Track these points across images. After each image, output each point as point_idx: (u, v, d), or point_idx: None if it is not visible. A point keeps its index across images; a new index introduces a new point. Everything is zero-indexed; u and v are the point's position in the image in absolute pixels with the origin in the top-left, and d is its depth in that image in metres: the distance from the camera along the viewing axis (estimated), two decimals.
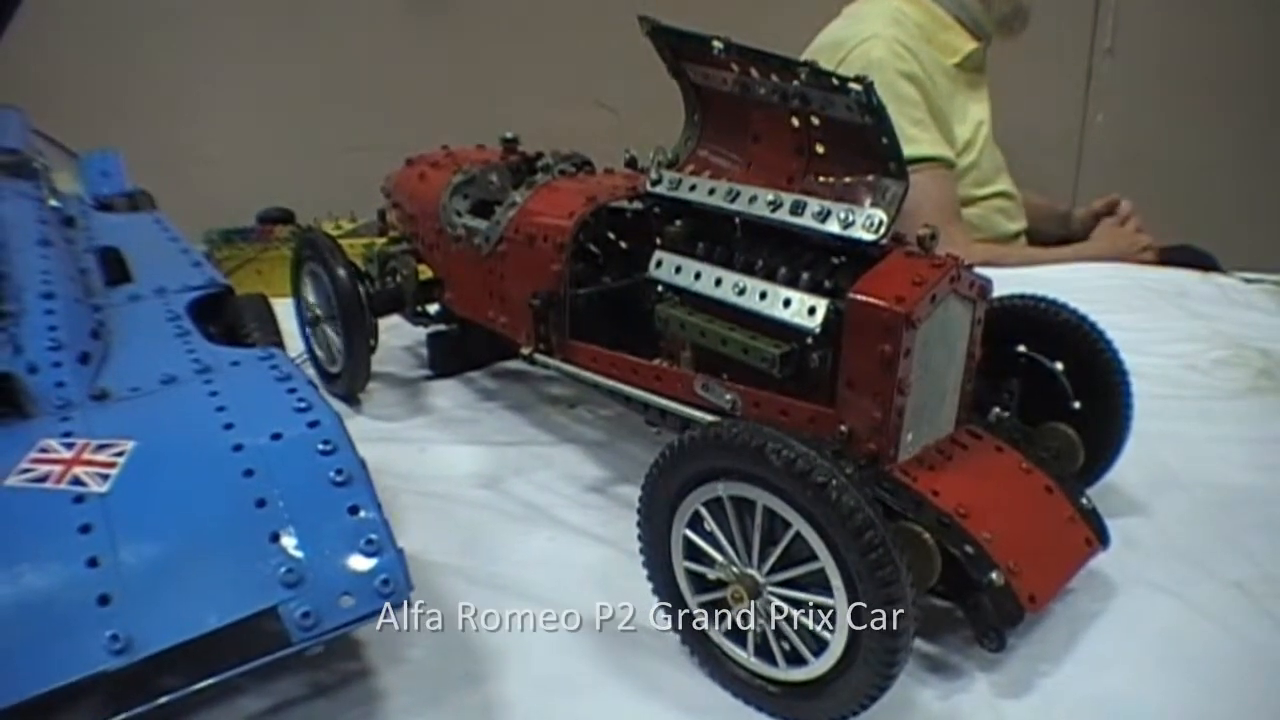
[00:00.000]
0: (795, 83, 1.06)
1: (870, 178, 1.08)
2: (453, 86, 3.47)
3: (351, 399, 1.70)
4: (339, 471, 0.94)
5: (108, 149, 2.24)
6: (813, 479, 0.84)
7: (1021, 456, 1.10)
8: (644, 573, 1.05)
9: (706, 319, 1.18)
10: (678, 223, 1.26)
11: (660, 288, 1.25)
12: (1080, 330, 1.21)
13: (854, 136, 1.06)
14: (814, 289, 1.10)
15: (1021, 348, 1.23)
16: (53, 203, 1.68)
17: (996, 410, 1.18)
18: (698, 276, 1.19)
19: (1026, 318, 1.23)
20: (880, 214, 1.05)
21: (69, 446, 0.97)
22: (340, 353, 1.67)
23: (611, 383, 1.28)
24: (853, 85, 0.99)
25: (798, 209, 1.11)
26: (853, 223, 1.07)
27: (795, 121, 1.12)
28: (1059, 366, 1.22)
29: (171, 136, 3.32)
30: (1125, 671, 1.03)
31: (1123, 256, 2.40)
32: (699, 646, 1.03)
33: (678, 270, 1.21)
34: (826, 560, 0.86)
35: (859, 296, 1.00)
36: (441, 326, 1.77)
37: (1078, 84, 3.80)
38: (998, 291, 1.15)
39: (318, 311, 1.73)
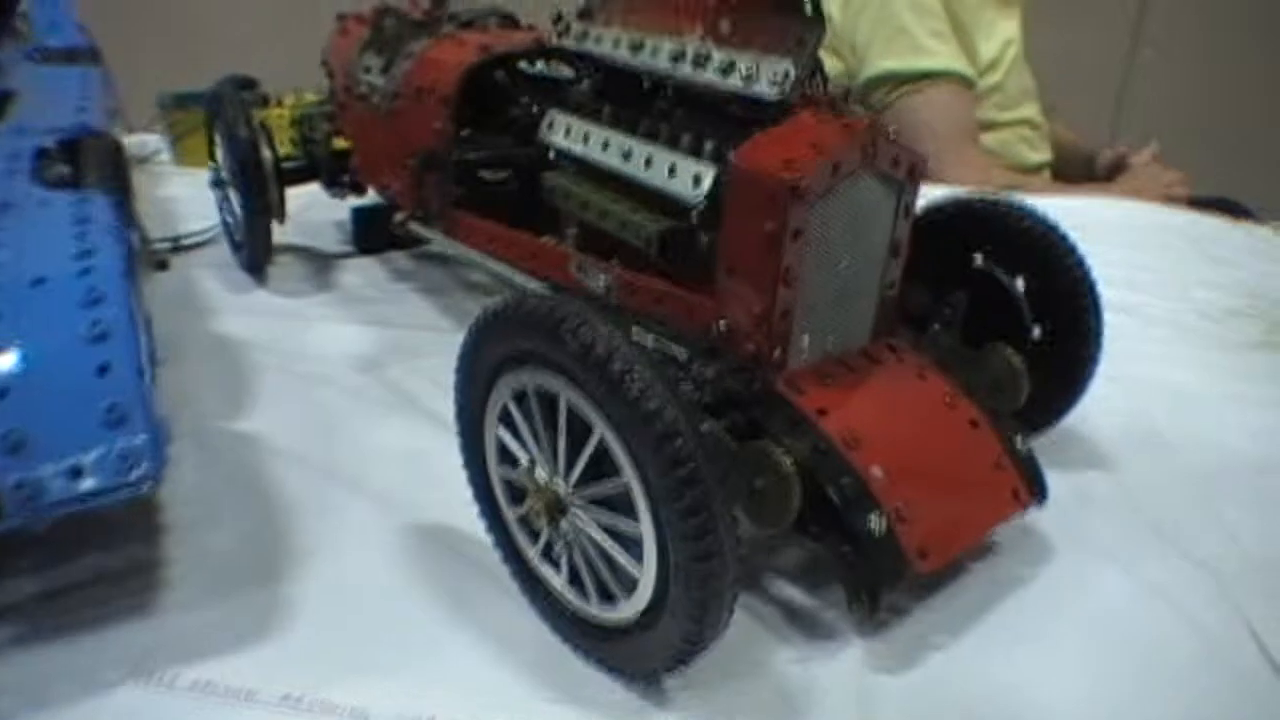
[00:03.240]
0: None
1: (782, 22, 0.87)
2: None
3: (256, 270, 1.55)
4: (94, 324, 0.79)
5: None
6: (610, 368, 0.65)
7: (948, 383, 0.90)
8: None
9: (593, 188, 0.99)
10: (580, 81, 1.07)
11: (552, 154, 1.05)
12: (1047, 241, 1.01)
13: None
14: (715, 158, 0.91)
15: (976, 256, 1.03)
16: None
17: (936, 327, 0.98)
18: (586, 139, 1.00)
19: (984, 220, 1.03)
20: (787, 65, 0.85)
21: None
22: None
23: (484, 259, 1.09)
24: None
25: (700, 61, 0.92)
26: (756, 77, 0.87)
27: None
28: (1018, 283, 1.02)
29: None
30: (1041, 654, 0.84)
31: (1150, 198, 2.17)
32: (514, 566, 0.86)
33: (567, 132, 1.02)
34: (630, 476, 0.68)
35: (739, 162, 0.81)
36: (366, 200, 1.61)
37: (1127, 12, 3.49)
38: None
39: (223, 175, 1.56)
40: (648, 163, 0.92)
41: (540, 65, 1.23)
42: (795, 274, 0.81)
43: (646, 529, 0.68)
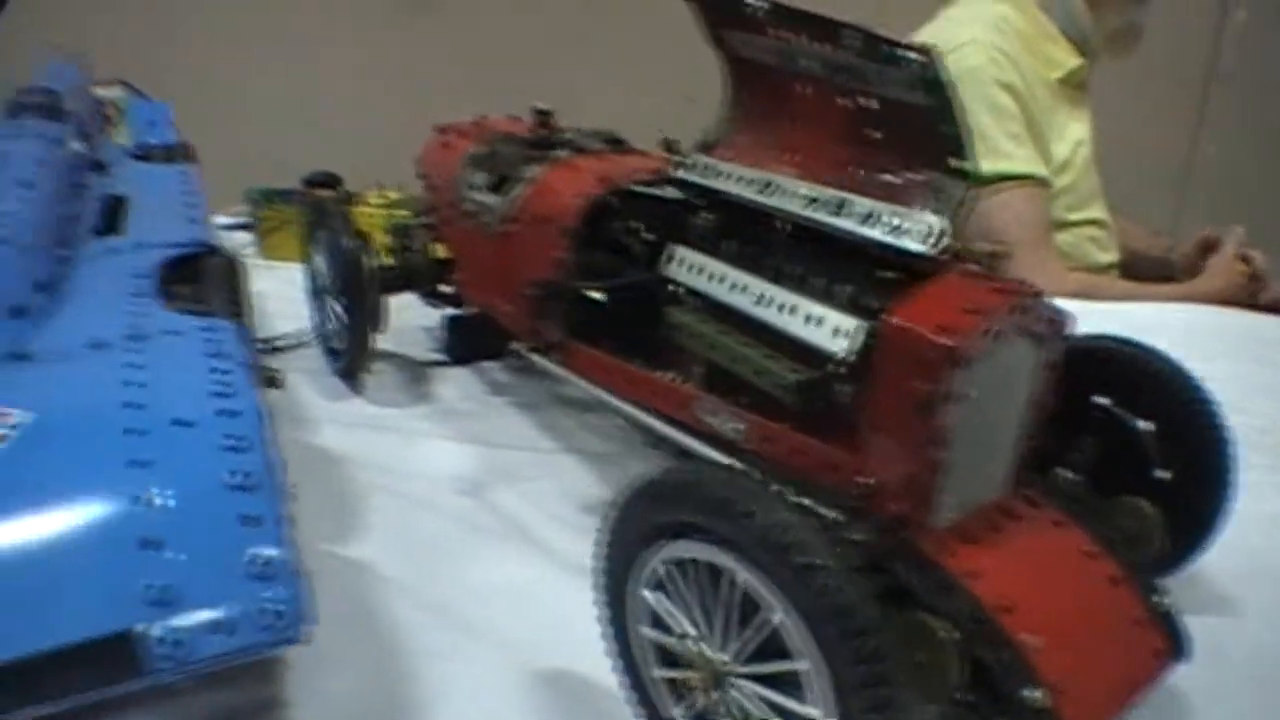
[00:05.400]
0: (843, 51, 0.86)
1: (928, 175, 0.88)
2: (521, 60, 3.29)
3: (353, 379, 1.54)
4: (243, 474, 0.79)
5: (157, 100, 2.21)
6: (797, 557, 0.64)
7: (1085, 536, 0.89)
8: None
9: (721, 330, 0.99)
10: (704, 215, 1.07)
11: (676, 289, 1.06)
12: (1175, 384, 0.99)
13: (914, 122, 0.87)
14: (853, 308, 0.91)
15: (1100, 399, 1.02)
16: (75, 146, 1.60)
17: (1062, 472, 0.97)
18: (715, 279, 1.00)
19: (1109, 363, 1.01)
20: (936, 221, 0.85)
21: None
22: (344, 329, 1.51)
23: (606, 394, 1.09)
24: (911, 54, 0.79)
25: (840, 208, 0.92)
26: (903, 230, 0.87)
27: (843, 101, 0.92)
28: (1147, 426, 1.00)
29: (228, 91, 3.20)
30: None
31: (1235, 298, 2.15)
32: None
33: (695, 269, 1.03)
34: (811, 662, 0.67)
35: (894, 320, 0.81)
36: (459, 310, 1.62)
37: (1189, 109, 3.49)
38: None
39: (323, 283, 1.58)
40: (784, 309, 0.93)
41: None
42: (948, 436, 0.81)
43: (822, 713, 0.67)
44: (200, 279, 1.25)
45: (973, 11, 2.34)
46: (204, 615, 0.72)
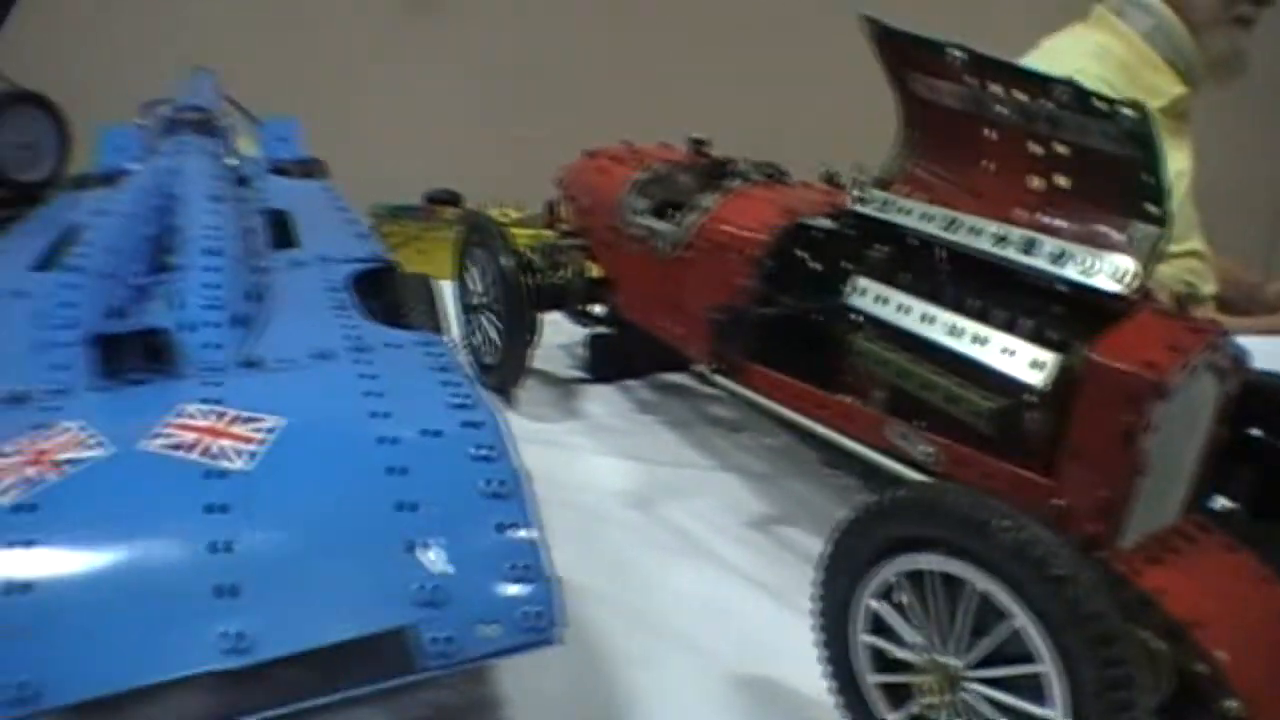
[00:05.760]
0: (1047, 102, 0.93)
1: (1119, 219, 0.94)
2: (625, 82, 3.37)
3: (505, 394, 1.62)
4: (496, 482, 0.84)
5: (286, 116, 2.24)
6: (1050, 570, 0.71)
7: (1255, 560, 0.94)
8: (809, 632, 0.93)
9: (908, 358, 1.05)
10: (879, 247, 1.14)
11: (856, 317, 1.12)
12: None
13: (1107, 169, 0.93)
14: (1034, 339, 0.97)
15: (1258, 431, 1.07)
16: (230, 161, 1.68)
17: (1223, 501, 1.03)
18: (903, 310, 1.07)
19: (1259, 392, 1.06)
20: (1131, 263, 0.91)
21: (210, 415, 0.90)
22: (496, 344, 1.59)
23: (794, 415, 1.16)
24: (1126, 110, 0.85)
25: (1029, 247, 0.98)
26: (1096, 270, 0.93)
27: (1035, 147, 0.99)
28: None
29: (344, 109, 3.30)
30: None
31: None
32: None
33: (881, 300, 1.09)
34: (1051, 666, 0.73)
35: (1102, 358, 0.87)
36: (603, 329, 1.69)
37: None
38: None
39: (478, 299, 1.66)
40: (977, 341, 0.99)
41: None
42: (1145, 464, 0.87)
43: (1059, 714, 0.73)
44: (394, 294, 1.31)
45: (1076, 41, 2.37)
46: (471, 616, 0.77)
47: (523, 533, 0.82)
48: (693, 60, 3.38)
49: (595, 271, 1.61)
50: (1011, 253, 1.00)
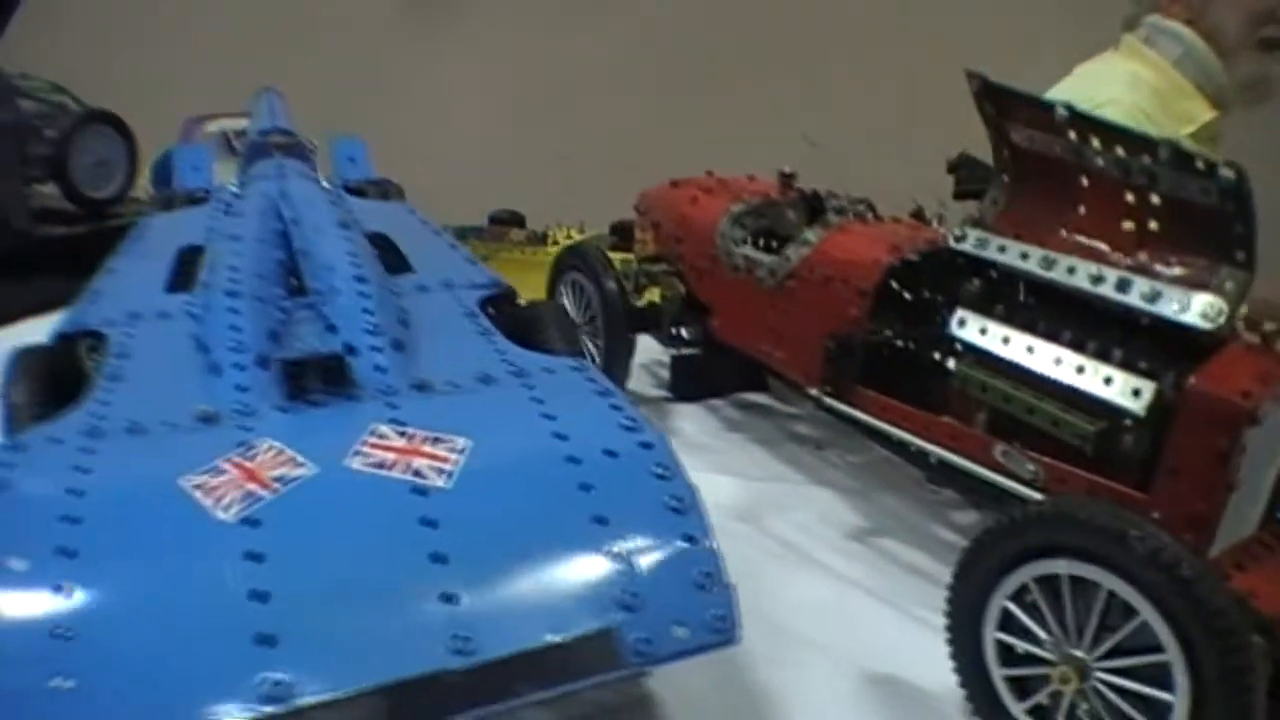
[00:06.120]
0: (1147, 159, 1.05)
1: (1208, 263, 1.06)
2: (665, 99, 3.46)
3: None
4: (676, 499, 0.92)
5: (352, 135, 2.20)
6: (1180, 572, 0.83)
7: None
8: (925, 634, 1.04)
9: (1011, 385, 1.17)
10: (976, 281, 1.26)
11: (957, 345, 1.24)
12: None
13: (1198, 218, 1.05)
14: (1125, 368, 1.09)
15: None
16: (324, 184, 1.73)
17: None
18: (1005, 341, 1.19)
19: None
20: (1222, 303, 1.03)
21: (402, 435, 0.97)
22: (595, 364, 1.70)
23: (902, 434, 1.27)
24: (1224, 171, 0.97)
25: (1123, 286, 1.10)
26: (1189, 308, 1.05)
27: (1130, 196, 1.11)
28: None
29: (403, 130, 3.39)
30: None
31: None
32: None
33: (983, 332, 1.21)
34: (1174, 656, 0.85)
35: (1202, 386, 0.99)
36: (688, 350, 1.77)
37: None
38: None
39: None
40: (1078, 370, 1.11)
41: None
42: (1236, 481, 0.99)
43: (1181, 698, 0.85)
44: (525, 319, 1.36)
45: (1107, 70, 2.42)
46: (666, 619, 0.85)
47: (705, 543, 0.90)
48: (721, 91, 3.48)
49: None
50: (1106, 290, 1.11)
